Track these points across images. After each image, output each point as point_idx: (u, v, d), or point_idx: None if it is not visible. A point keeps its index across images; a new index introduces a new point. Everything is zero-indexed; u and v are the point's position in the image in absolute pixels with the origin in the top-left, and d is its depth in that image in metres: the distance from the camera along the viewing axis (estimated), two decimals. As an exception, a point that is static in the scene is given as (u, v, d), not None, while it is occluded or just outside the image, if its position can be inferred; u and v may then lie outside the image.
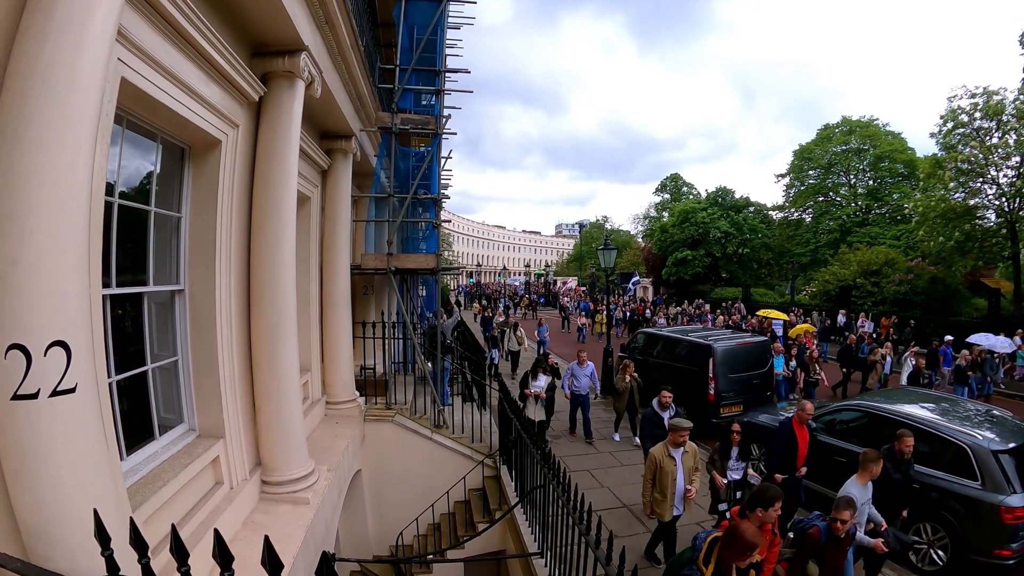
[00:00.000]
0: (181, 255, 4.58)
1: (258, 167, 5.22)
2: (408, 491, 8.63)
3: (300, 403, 5.73)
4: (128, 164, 3.96)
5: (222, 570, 1.55)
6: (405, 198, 9.42)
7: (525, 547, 6.18)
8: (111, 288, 3.66)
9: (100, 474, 2.55)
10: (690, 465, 6.15)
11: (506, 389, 8.61)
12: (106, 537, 1.78)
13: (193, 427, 4.65)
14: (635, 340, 14.79)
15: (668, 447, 6.08)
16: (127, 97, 3.42)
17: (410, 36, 9.53)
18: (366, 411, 8.70)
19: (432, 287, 12.77)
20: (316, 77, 5.73)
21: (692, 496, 6.18)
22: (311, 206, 7.86)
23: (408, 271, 9.79)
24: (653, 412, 7.66)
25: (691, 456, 6.20)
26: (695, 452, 6.31)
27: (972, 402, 8.50)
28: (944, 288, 24.39)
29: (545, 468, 5.48)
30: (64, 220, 2.35)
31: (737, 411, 10.77)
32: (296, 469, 5.35)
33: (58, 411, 2.29)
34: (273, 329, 5.17)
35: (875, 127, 37.59)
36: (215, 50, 4.17)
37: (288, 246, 5.32)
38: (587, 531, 3.93)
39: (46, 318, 2.27)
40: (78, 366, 2.37)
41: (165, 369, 4.49)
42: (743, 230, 41.10)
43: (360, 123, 8.76)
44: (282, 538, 4.58)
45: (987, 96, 22.11)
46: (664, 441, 6.18)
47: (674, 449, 6.07)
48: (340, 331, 8.30)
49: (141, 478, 3.71)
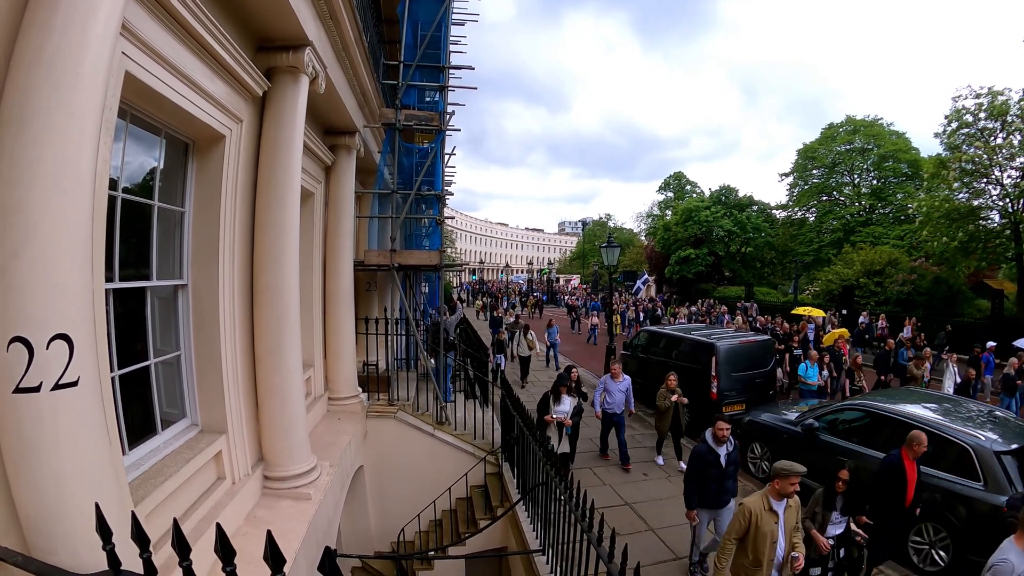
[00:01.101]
0: (184, 250, 4.58)
1: (262, 162, 5.22)
2: (410, 487, 8.64)
3: (303, 399, 5.74)
4: (132, 159, 3.96)
5: (224, 564, 1.54)
6: (408, 194, 9.42)
7: (527, 544, 6.17)
8: (114, 282, 3.65)
9: (102, 468, 2.54)
10: (793, 523, 4.84)
11: (508, 386, 8.60)
12: (108, 531, 1.77)
13: (196, 422, 4.65)
14: (637, 338, 14.80)
15: (769, 499, 4.70)
16: (131, 91, 3.42)
17: (414, 32, 9.50)
18: (368, 407, 8.71)
19: (435, 284, 12.77)
20: (320, 72, 5.72)
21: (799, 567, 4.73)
22: (315, 202, 7.85)
23: (411, 267, 9.79)
24: (707, 448, 5.97)
25: (794, 511, 4.86)
26: (798, 506, 4.93)
27: (975, 403, 8.47)
28: (947, 289, 24.32)
29: (547, 465, 5.48)
30: (67, 213, 2.34)
31: (739, 410, 10.77)
32: (298, 464, 5.35)
33: (60, 405, 2.28)
34: (276, 324, 5.17)
35: (879, 127, 37.44)
36: (219, 45, 4.16)
37: (291, 241, 5.32)
38: (589, 528, 3.93)
39: (48, 311, 2.26)
40: (80, 359, 2.36)
41: (168, 364, 4.49)
42: (746, 229, 41.05)
43: (364, 119, 8.75)
44: (284, 533, 4.58)
45: (992, 96, 22.01)
46: (763, 492, 4.82)
47: (777, 502, 4.71)
48: (343, 327, 8.30)
49: (143, 473, 3.71)
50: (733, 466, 6.09)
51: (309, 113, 5.83)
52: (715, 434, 5.98)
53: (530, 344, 16.18)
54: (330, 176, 8.36)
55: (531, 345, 16.23)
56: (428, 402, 9.29)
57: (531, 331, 16.82)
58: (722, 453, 5.93)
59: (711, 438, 5.99)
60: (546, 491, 5.61)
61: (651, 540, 6.90)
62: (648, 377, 13.58)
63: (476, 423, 9.17)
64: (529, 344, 16.15)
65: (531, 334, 16.58)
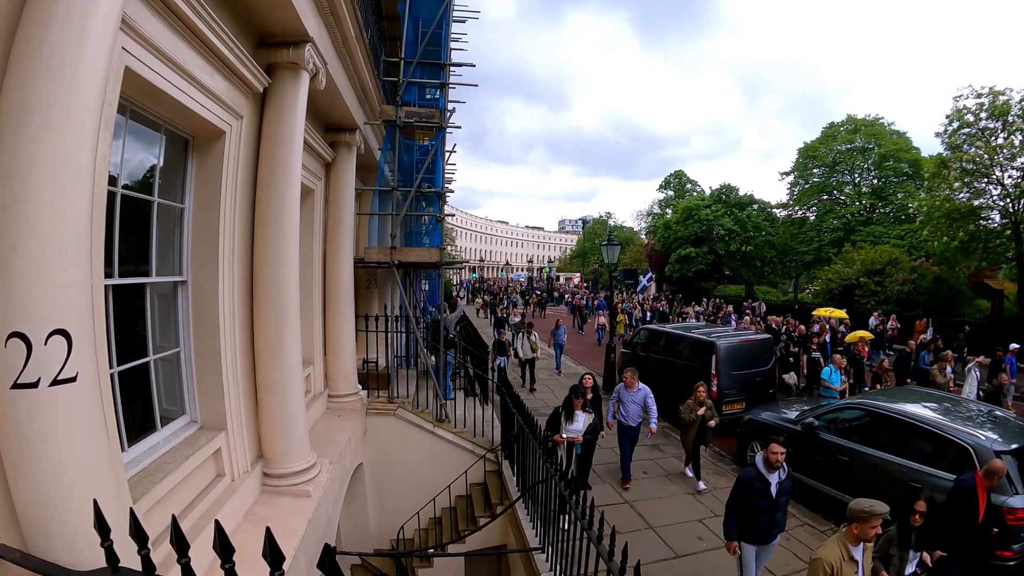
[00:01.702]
0: (184, 246, 4.57)
1: (262, 159, 5.20)
2: (409, 485, 8.64)
3: (302, 396, 5.73)
4: (132, 154, 3.95)
5: (223, 562, 1.54)
6: (409, 191, 9.40)
7: (526, 542, 6.17)
8: (114, 278, 3.64)
9: (101, 465, 2.53)
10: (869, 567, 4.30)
11: (508, 384, 8.59)
12: (106, 528, 1.77)
13: (195, 419, 4.64)
14: (637, 336, 14.78)
15: (847, 546, 4.07)
16: (131, 87, 3.41)
17: (415, 29, 9.49)
18: (368, 404, 8.70)
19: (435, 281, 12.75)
20: (320, 69, 5.71)
21: None
22: (315, 199, 7.84)
23: (411, 265, 9.78)
24: (756, 474, 5.17)
25: (870, 552, 4.33)
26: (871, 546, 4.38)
27: (975, 402, 8.45)
28: (947, 288, 24.29)
29: (547, 463, 5.47)
30: (66, 207, 2.33)
31: (739, 408, 10.78)
32: (298, 462, 5.35)
33: (59, 401, 2.28)
34: (276, 321, 5.16)
35: (880, 126, 37.40)
36: (220, 40, 4.15)
37: (291, 238, 5.30)
38: (589, 526, 3.92)
39: (47, 306, 2.25)
40: (79, 355, 2.35)
41: (167, 361, 4.48)
42: (746, 227, 41.04)
43: (364, 116, 8.74)
44: (283, 530, 4.58)
45: (993, 96, 21.96)
46: (838, 538, 4.16)
47: (855, 547, 4.09)
48: (343, 324, 8.29)
49: (142, 470, 3.70)
50: (785, 496, 5.26)
51: (309, 110, 5.82)
52: (767, 458, 5.15)
53: (533, 345, 15.07)
54: (330, 173, 8.34)
55: (534, 347, 15.10)
56: (428, 400, 9.29)
57: (534, 331, 15.70)
58: (773, 481, 5.14)
59: (762, 463, 5.17)
60: (546, 489, 5.60)
61: (651, 539, 6.86)
62: (648, 376, 13.59)
63: (476, 421, 9.16)
64: (532, 345, 15.02)
65: (534, 335, 15.47)
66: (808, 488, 7.90)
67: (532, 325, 16.12)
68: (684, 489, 8.40)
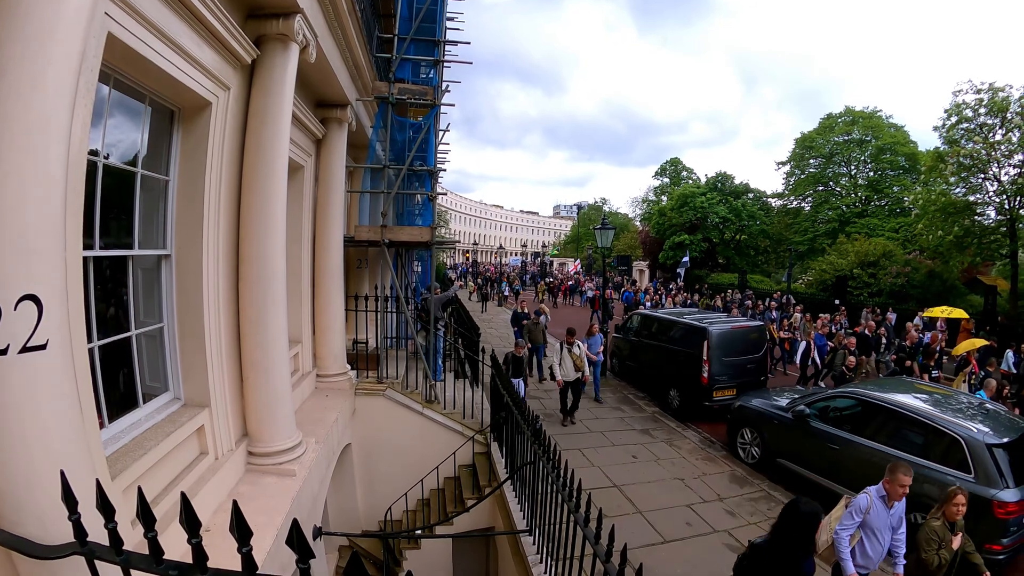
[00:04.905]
0: (168, 219, 4.46)
1: (249, 131, 5.08)
2: (398, 466, 8.61)
3: (288, 374, 5.66)
4: (115, 125, 3.84)
5: (189, 536, 1.47)
6: (401, 169, 9.27)
7: (514, 524, 6.14)
8: (94, 250, 3.55)
9: (72, 437, 2.46)
10: None
11: (498, 365, 8.54)
12: (73, 501, 1.70)
13: (178, 396, 4.57)
14: (629, 321, 14.76)
15: None
16: (115, 55, 3.30)
17: (409, 5, 9.32)
18: (357, 385, 8.65)
19: (427, 263, 12.64)
20: (311, 41, 5.58)
21: None
22: (304, 175, 7.72)
23: (402, 244, 9.67)
24: None
25: None
26: None
27: (966, 395, 8.46)
28: (941, 283, 24.36)
29: (535, 444, 5.42)
30: (39, 172, 2.25)
31: (730, 395, 10.80)
32: (283, 440, 5.29)
33: (28, 368, 2.20)
34: (261, 298, 5.07)
35: (878, 119, 37.33)
36: (208, 10, 4.04)
37: (279, 213, 5.19)
38: (576, 508, 3.88)
39: (17, 269, 2.17)
40: (50, 322, 2.27)
41: (151, 336, 4.40)
42: (741, 216, 41.00)
43: (356, 92, 8.59)
44: (267, 510, 4.54)
45: (992, 92, 21.85)
46: None
47: None
48: (332, 303, 8.21)
49: (123, 446, 3.63)
50: None
51: (300, 84, 5.70)
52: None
53: (578, 362, 10.55)
54: (321, 149, 8.21)
55: (579, 363, 10.56)
56: (418, 380, 9.24)
57: (578, 340, 10.96)
58: None
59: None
60: (533, 470, 5.57)
61: (639, 523, 6.89)
62: (640, 361, 13.60)
63: (466, 402, 9.12)
64: (577, 362, 10.54)
65: (579, 345, 10.81)
66: (797, 476, 7.92)
67: (574, 332, 11.05)
68: (673, 474, 8.41)
